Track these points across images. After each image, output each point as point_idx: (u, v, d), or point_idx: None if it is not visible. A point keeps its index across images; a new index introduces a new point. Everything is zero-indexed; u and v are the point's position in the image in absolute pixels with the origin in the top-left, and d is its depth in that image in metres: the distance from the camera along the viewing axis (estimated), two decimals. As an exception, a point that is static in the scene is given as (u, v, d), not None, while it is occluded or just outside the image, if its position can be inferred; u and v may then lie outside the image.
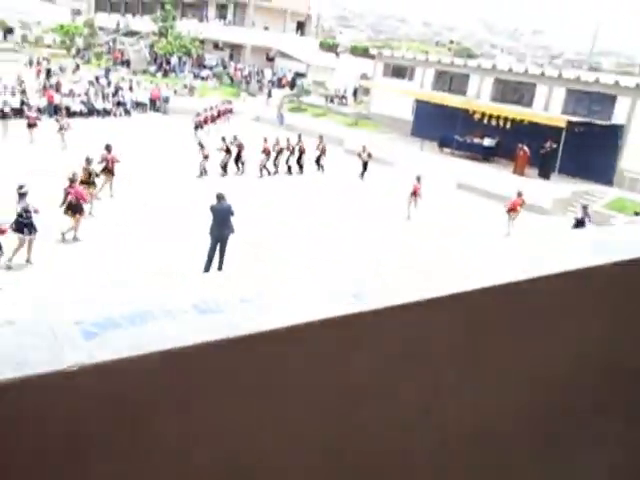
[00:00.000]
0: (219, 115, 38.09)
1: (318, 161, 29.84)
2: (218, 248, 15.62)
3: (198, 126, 33.20)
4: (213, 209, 15.54)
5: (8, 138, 28.95)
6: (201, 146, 26.65)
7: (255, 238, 18.28)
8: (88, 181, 18.86)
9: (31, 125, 29.08)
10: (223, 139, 27.36)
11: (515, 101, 33.23)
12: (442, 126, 33.16)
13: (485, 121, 32.72)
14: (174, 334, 0.96)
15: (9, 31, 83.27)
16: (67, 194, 16.48)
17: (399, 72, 40.94)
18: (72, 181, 16.64)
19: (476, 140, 32.99)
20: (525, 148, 30.19)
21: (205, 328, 0.99)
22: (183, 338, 0.96)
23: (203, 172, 26.49)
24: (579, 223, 20.55)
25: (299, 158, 29.21)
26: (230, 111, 41.45)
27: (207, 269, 15.59)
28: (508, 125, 31.74)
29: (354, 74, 51.50)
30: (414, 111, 38.25)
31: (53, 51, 69.29)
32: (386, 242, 19.76)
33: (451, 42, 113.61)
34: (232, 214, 15.65)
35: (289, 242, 18.70)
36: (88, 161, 19.33)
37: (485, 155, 32.62)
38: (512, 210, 21.84)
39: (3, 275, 13.87)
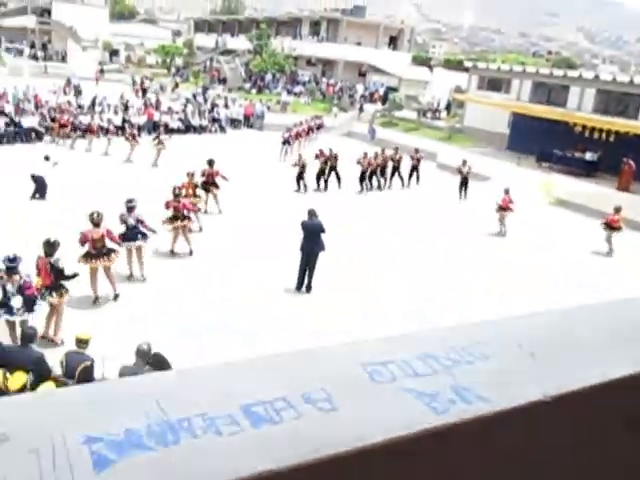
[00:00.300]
0: (309, 131, 37.70)
1: (411, 175, 29.05)
2: (308, 265, 15.23)
3: (286, 142, 32.77)
4: (304, 225, 15.17)
5: (110, 154, 29.86)
6: (298, 160, 26.44)
7: (352, 254, 17.87)
8: (193, 194, 19.20)
9: (131, 141, 29.69)
10: (319, 152, 27.04)
11: (619, 113, 31.27)
12: (540, 139, 31.66)
13: (587, 134, 31.13)
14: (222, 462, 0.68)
15: (114, 53, 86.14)
16: (174, 208, 16.59)
17: (494, 84, 39.62)
18: (176, 195, 16.71)
19: (577, 154, 31.27)
20: (631, 162, 28.30)
21: (264, 446, 0.71)
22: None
23: (302, 187, 26.38)
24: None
25: (395, 172, 28.46)
26: (320, 126, 41.05)
27: (299, 287, 15.25)
28: (612, 138, 30.04)
29: (447, 87, 50.34)
30: (510, 124, 36.83)
31: (154, 71, 70.93)
32: (476, 260, 18.79)
33: (549, 53, 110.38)
34: (323, 231, 15.14)
35: (385, 258, 18.12)
36: (190, 175, 19.49)
37: (587, 170, 30.77)
38: (610, 227, 20.38)
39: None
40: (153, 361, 8.05)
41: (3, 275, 10.65)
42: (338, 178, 27.26)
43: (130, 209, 14.75)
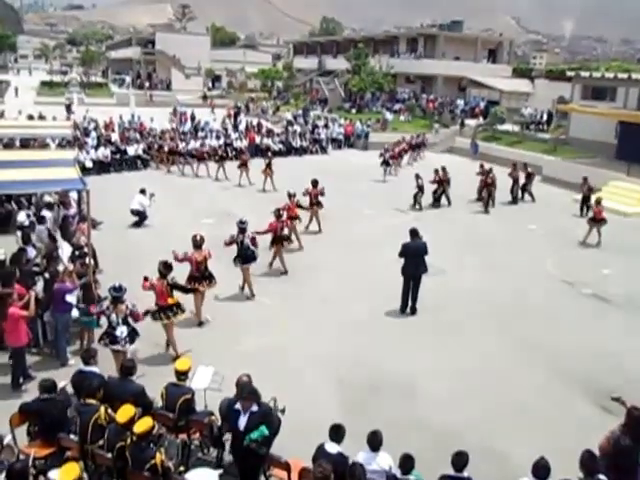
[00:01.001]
0: (409, 149, 36.99)
1: (524, 190, 28.01)
2: (411, 287, 14.77)
3: (386, 162, 32.19)
4: (406, 246, 14.67)
5: (220, 179, 30.66)
6: (417, 178, 26.32)
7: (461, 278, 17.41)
8: (296, 216, 19.48)
9: (241, 164, 29.96)
10: (436, 171, 26.92)
11: None
12: (650, 148, 29.87)
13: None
14: None
15: (217, 79, 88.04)
16: (276, 228, 16.93)
17: (599, 93, 37.96)
18: (278, 216, 17.05)
19: (688, 161, 29.20)
20: None
21: None
22: None
23: (418, 205, 26.42)
24: None
25: (512, 189, 27.82)
26: (422, 144, 40.32)
27: (403, 310, 14.86)
28: None
29: (550, 99, 48.64)
30: (617, 133, 35.03)
31: (255, 95, 71.96)
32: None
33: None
34: (426, 253, 14.77)
35: (492, 285, 17.40)
36: (291, 195, 19.64)
37: None
38: None
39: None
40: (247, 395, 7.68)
41: (109, 305, 10.89)
42: (448, 200, 27.10)
43: (242, 230, 15.04)
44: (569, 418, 10.50)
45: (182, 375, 8.70)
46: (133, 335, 10.99)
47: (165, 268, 11.97)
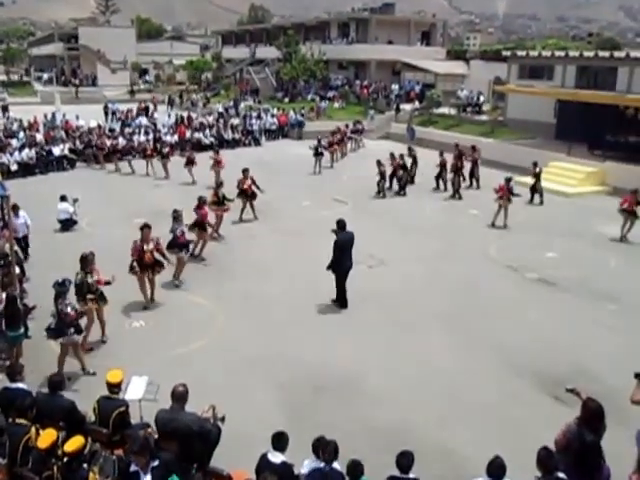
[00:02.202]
0: (343, 139, 36.74)
1: (472, 175, 28.18)
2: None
3: (319, 153, 32.00)
4: (341, 240, 14.25)
5: (151, 174, 30.40)
6: (379, 164, 26.57)
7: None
8: (217, 202, 19.98)
9: (163, 157, 30.10)
10: (393, 156, 27.28)
11: None
12: (590, 126, 30.38)
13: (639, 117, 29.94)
14: None
15: (144, 72, 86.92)
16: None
17: (536, 72, 38.45)
18: (202, 203, 17.82)
19: (631, 138, 29.82)
20: None
21: None
22: None
23: (381, 192, 26.86)
24: None
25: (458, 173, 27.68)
26: (359, 131, 40.33)
27: (345, 305, 14.57)
28: (669, 119, 28.88)
29: (486, 80, 49.25)
30: (557, 113, 35.64)
31: (184, 87, 71.20)
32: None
33: (590, 35, 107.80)
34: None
35: (435, 274, 17.33)
36: (217, 185, 20.49)
37: None
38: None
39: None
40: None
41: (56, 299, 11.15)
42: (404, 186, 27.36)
43: (176, 218, 15.89)
44: (523, 412, 10.46)
45: (114, 387, 8.41)
46: (79, 327, 11.39)
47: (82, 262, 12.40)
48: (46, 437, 7.23)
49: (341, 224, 14.38)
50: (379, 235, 20.46)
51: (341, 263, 14.24)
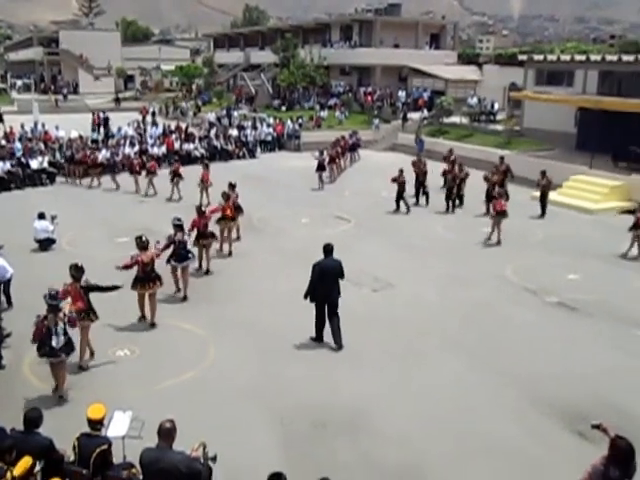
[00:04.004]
0: (344, 152, 36.62)
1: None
2: (328, 316, 14.03)
3: (321, 167, 31.89)
4: (319, 267, 13.94)
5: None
6: (400, 174, 26.51)
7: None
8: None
9: (148, 173, 29.95)
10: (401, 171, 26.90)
11: None
12: (614, 136, 30.43)
13: (669, 126, 30.02)
14: None
15: (129, 79, 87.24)
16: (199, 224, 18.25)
17: (555, 78, 38.59)
18: (200, 213, 18.51)
19: (659, 150, 29.85)
20: None
21: None
22: None
23: (406, 206, 26.92)
24: None
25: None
26: (356, 145, 40.12)
27: (319, 339, 14.15)
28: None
29: (501, 86, 49.43)
30: (577, 122, 35.69)
31: (173, 95, 71.39)
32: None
33: (612, 37, 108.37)
34: (342, 275, 13.99)
35: (448, 298, 17.24)
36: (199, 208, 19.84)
37: None
38: None
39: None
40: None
41: (47, 315, 11.31)
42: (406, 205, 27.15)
43: (179, 227, 16.44)
44: (543, 450, 10.33)
45: (96, 424, 8.33)
46: (70, 345, 11.55)
47: (77, 271, 12.59)
48: (21, 465, 7.30)
49: (327, 249, 14.07)
50: (385, 255, 20.43)
51: (318, 291, 13.91)
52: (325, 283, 13.82)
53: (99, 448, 8.12)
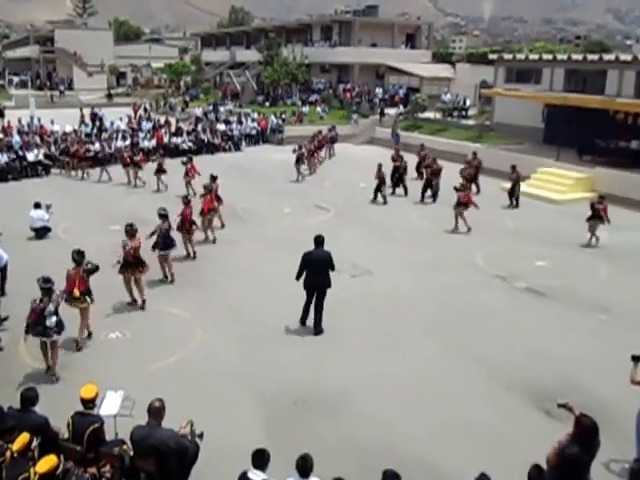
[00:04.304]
0: (320, 146, 36.39)
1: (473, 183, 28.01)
2: (314, 302, 13.96)
3: (299, 160, 31.60)
4: (307, 257, 13.87)
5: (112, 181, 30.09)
6: (379, 169, 26.52)
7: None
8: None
9: (137, 167, 29.68)
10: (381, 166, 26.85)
11: None
12: (579, 131, 30.52)
13: (630, 121, 30.12)
14: None
15: (121, 76, 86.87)
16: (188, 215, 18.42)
17: (523, 76, 38.68)
18: (186, 203, 18.61)
19: (621, 143, 29.94)
20: None
21: None
22: None
23: (382, 197, 26.89)
24: None
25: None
26: (333, 139, 39.87)
27: (303, 322, 14.12)
28: (659, 123, 29.11)
29: (473, 83, 49.50)
30: (545, 117, 35.83)
31: (162, 91, 71.09)
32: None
33: (577, 37, 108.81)
34: (331, 266, 13.85)
35: (423, 284, 17.16)
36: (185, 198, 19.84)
37: (634, 160, 28.89)
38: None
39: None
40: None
41: (42, 297, 11.48)
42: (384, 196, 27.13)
43: (164, 217, 16.56)
44: (512, 427, 10.37)
45: (89, 403, 8.29)
46: (61, 325, 11.67)
47: (79, 255, 12.90)
48: (20, 440, 7.29)
49: (317, 240, 13.96)
50: (363, 243, 20.44)
51: (308, 279, 13.84)
52: (314, 273, 13.74)
53: (92, 426, 8.10)
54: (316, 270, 13.73)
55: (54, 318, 11.43)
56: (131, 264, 14.73)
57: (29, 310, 11.43)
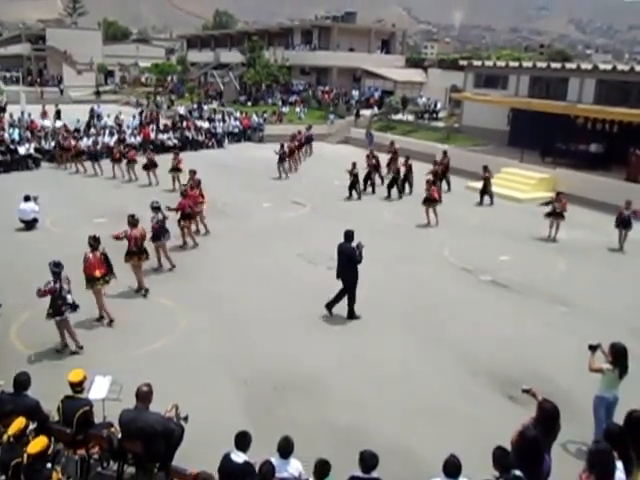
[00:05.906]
0: (300, 145, 36.15)
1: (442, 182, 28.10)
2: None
3: (282, 159, 31.37)
4: (338, 248, 14.34)
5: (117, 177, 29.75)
6: (353, 167, 26.61)
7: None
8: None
9: (129, 162, 29.36)
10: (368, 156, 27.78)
11: (621, 102, 29.69)
12: (542, 134, 30.67)
13: (589, 126, 30.35)
14: None
15: (109, 74, 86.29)
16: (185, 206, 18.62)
17: (491, 81, 38.83)
18: (184, 194, 19.01)
19: (581, 147, 30.27)
20: (638, 152, 26.85)
21: None
22: None
23: (357, 194, 27.06)
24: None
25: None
26: (310, 138, 39.56)
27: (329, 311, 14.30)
28: (615, 128, 29.27)
29: (444, 87, 49.66)
30: (510, 120, 36.08)
31: (149, 89, 70.66)
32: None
33: (541, 46, 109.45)
34: (352, 260, 13.96)
35: (393, 276, 17.25)
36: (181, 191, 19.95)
37: (592, 162, 29.33)
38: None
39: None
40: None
41: (54, 279, 11.66)
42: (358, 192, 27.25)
43: (156, 209, 16.51)
44: (479, 411, 10.45)
45: (77, 386, 8.24)
46: (74, 304, 11.99)
47: (95, 241, 13.10)
48: (15, 424, 7.21)
49: (346, 234, 14.29)
50: (338, 236, 20.39)
51: (337, 268, 14.30)
52: (339, 264, 14.23)
53: (81, 409, 8.06)
54: (341, 261, 14.17)
55: (69, 296, 11.72)
56: (136, 252, 14.97)
57: (41, 291, 11.47)
